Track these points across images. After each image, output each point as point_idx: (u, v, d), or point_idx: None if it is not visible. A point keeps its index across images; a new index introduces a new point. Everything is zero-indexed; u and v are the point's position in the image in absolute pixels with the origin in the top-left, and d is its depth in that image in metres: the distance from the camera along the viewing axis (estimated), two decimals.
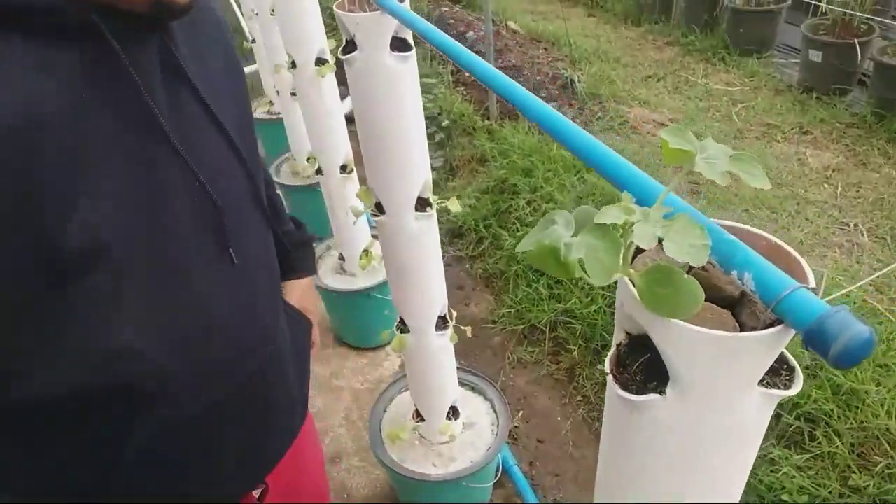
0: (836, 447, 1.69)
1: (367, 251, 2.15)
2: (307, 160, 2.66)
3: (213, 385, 0.73)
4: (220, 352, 0.72)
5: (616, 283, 0.44)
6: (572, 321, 2.32)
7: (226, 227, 0.69)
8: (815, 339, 0.35)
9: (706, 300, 0.44)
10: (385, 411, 1.72)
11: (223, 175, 0.71)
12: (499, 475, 1.75)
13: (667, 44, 4.36)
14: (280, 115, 2.78)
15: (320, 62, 1.79)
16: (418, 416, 1.60)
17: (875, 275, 2.19)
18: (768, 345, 0.40)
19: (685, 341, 0.40)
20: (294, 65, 1.79)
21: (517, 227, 2.68)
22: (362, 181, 1.23)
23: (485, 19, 3.07)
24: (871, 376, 1.80)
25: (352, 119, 1.20)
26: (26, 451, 0.66)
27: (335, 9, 0.99)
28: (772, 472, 1.69)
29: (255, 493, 0.89)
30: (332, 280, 2.18)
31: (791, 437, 1.76)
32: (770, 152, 3.08)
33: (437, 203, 1.20)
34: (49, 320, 0.57)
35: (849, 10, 3.30)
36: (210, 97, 0.68)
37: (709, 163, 0.39)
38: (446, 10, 4.61)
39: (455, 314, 1.43)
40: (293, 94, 2.37)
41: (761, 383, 0.43)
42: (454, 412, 1.60)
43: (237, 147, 0.73)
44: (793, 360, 0.44)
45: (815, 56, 3.35)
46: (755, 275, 0.39)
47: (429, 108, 3.53)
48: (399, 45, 1.01)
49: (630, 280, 0.42)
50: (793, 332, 0.39)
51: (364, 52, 0.99)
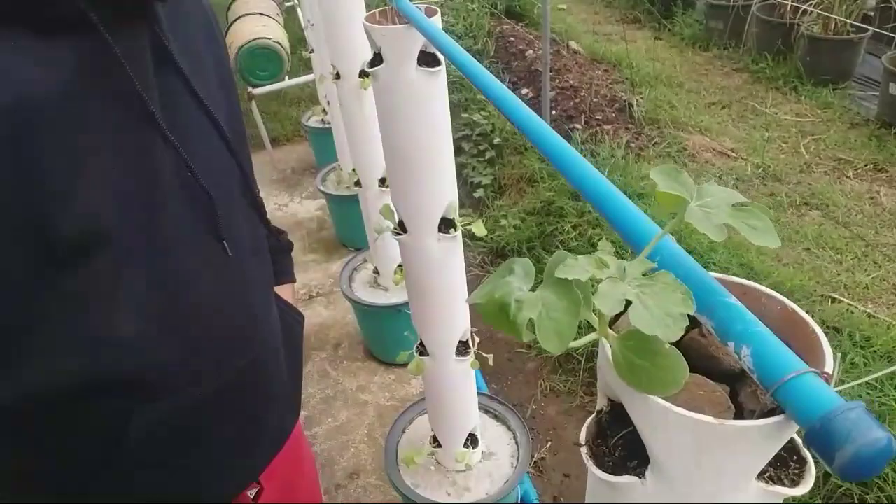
0: None
1: (402, 266, 2.12)
2: (353, 170, 2.66)
3: (207, 376, 0.72)
4: (215, 342, 0.72)
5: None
6: None
7: (219, 218, 0.69)
8: (818, 440, 0.29)
9: (700, 372, 0.37)
10: (403, 432, 1.67)
11: (215, 167, 0.70)
12: None
13: (735, 70, 4.19)
14: (331, 125, 2.80)
15: (364, 74, 1.77)
16: (435, 441, 1.54)
17: None
18: (767, 436, 0.33)
19: (664, 423, 0.34)
20: (338, 76, 1.78)
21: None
22: None
23: (543, 38, 3.01)
24: None
25: None
26: (20, 444, 0.65)
27: (364, 21, 0.97)
28: None
29: (250, 494, 0.86)
30: (365, 293, 2.16)
31: None
32: (839, 189, 2.89)
33: (463, 226, 1.15)
34: (47, 310, 0.56)
35: None
36: (200, 88, 0.68)
37: (705, 211, 0.33)
38: (507, 27, 4.58)
39: (479, 340, 1.37)
40: (339, 101, 2.37)
41: (762, 476, 0.36)
42: (472, 440, 1.53)
43: (227, 139, 0.72)
44: (804, 450, 0.37)
45: None
46: (755, 350, 0.32)
47: (482, 125, 3.49)
48: (428, 59, 0.97)
49: (609, 347, 0.36)
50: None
51: (389, 66, 0.96)
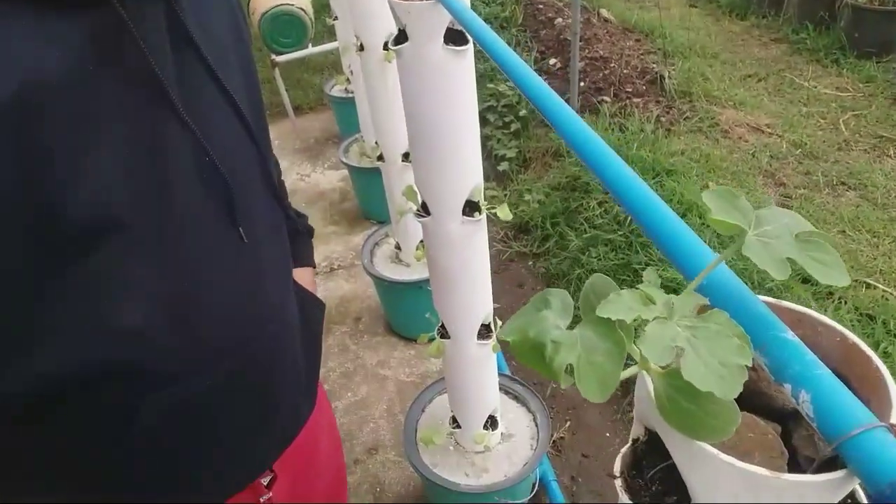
0: None
1: (423, 243, 2.10)
2: (375, 143, 2.63)
3: (217, 364, 0.70)
4: (227, 331, 0.70)
5: None
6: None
7: (235, 203, 0.67)
8: None
9: (749, 409, 0.34)
10: (423, 411, 1.67)
11: (233, 150, 0.68)
12: (535, 491, 1.66)
13: (773, 41, 4.03)
14: (354, 95, 2.76)
15: (388, 46, 1.73)
16: (455, 421, 1.54)
17: None
18: (826, 490, 0.30)
19: (710, 469, 0.31)
20: (362, 47, 1.74)
21: (585, 229, 2.54)
22: None
23: (572, 5, 2.91)
24: None
25: None
26: (26, 435, 0.64)
27: None
28: None
29: (264, 482, 0.85)
30: (387, 269, 2.14)
31: None
32: (879, 168, 2.78)
33: (487, 208, 1.12)
34: (53, 297, 0.55)
35: None
36: (220, 68, 0.65)
37: (764, 243, 0.29)
38: None
39: (500, 323, 1.35)
40: (362, 72, 2.33)
41: None
42: (492, 422, 1.52)
43: (247, 121, 0.70)
44: (864, 500, 0.34)
45: None
46: (816, 397, 0.29)
47: (508, 97, 3.41)
48: (455, 37, 0.93)
49: (650, 379, 0.33)
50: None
51: (415, 44, 0.92)
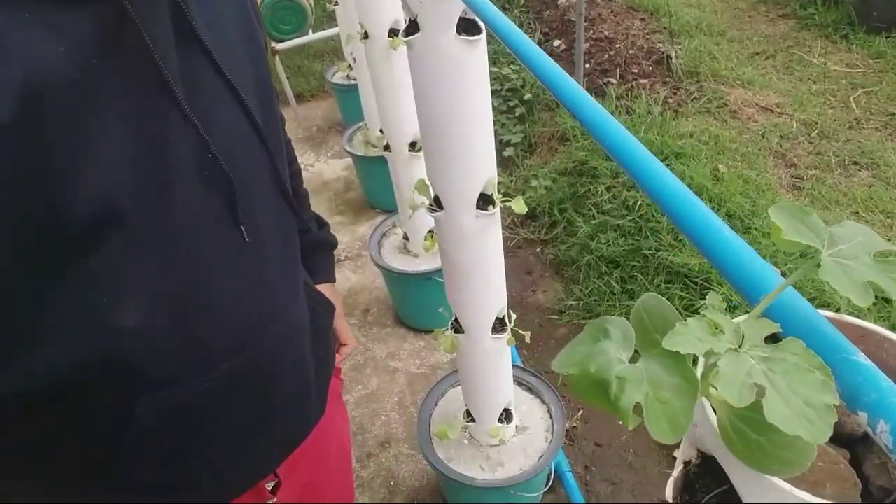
0: None
1: (432, 233, 2.07)
2: (380, 131, 2.60)
3: (217, 366, 0.69)
4: (227, 332, 0.69)
5: None
6: None
7: (237, 202, 0.65)
8: None
9: None
10: (436, 405, 1.66)
11: (237, 147, 0.66)
12: (550, 483, 1.66)
13: (781, 16, 3.95)
14: (357, 81, 2.72)
15: (394, 34, 1.69)
16: (469, 415, 1.53)
17: None
18: None
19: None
20: (367, 35, 1.70)
21: (593, 214, 2.52)
22: None
23: None
24: None
25: None
26: (25, 435, 0.63)
27: None
28: None
29: (268, 487, 0.84)
30: (395, 259, 2.12)
31: None
32: (891, 147, 2.74)
33: (501, 202, 1.09)
34: (53, 295, 0.54)
35: None
36: (226, 64, 0.63)
37: (842, 265, 0.27)
38: None
39: (514, 317, 1.33)
40: (367, 61, 2.29)
41: None
42: (507, 415, 1.51)
43: (254, 117, 0.68)
44: None
45: None
46: (894, 428, 0.27)
47: (512, 80, 3.37)
48: (467, 26, 0.90)
49: (710, 405, 0.31)
50: None
51: (427, 35, 0.89)
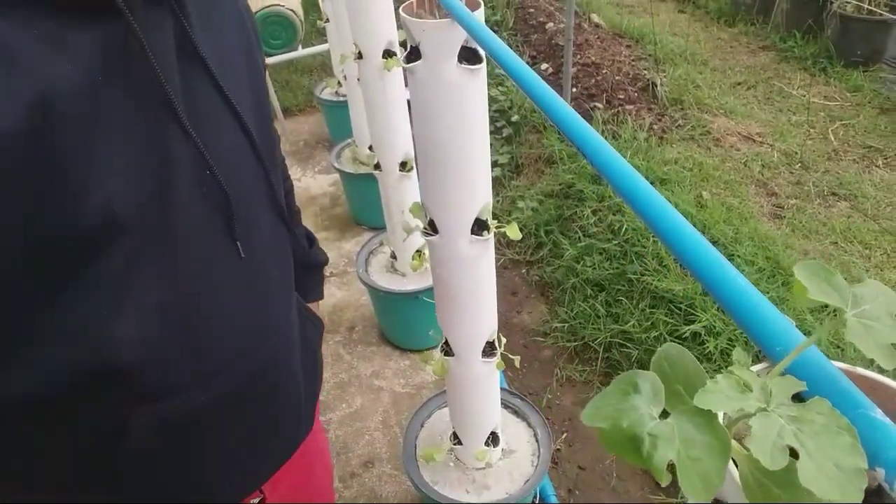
0: None
1: (419, 252, 2.08)
2: (370, 148, 2.61)
3: (212, 379, 0.69)
4: (223, 345, 0.69)
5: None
6: (628, 344, 2.18)
7: (234, 217, 0.66)
8: None
9: None
10: (422, 426, 1.65)
11: (235, 165, 0.67)
12: None
13: (762, 48, 4.06)
14: (346, 98, 2.73)
15: (388, 54, 1.70)
16: (455, 437, 1.52)
17: None
18: None
19: None
20: (360, 55, 1.71)
21: (579, 237, 2.54)
22: None
23: (566, 10, 2.90)
24: None
25: None
26: (22, 440, 0.63)
27: (401, 12, 0.90)
28: None
29: (253, 503, 0.84)
30: (382, 278, 2.12)
31: None
32: (868, 179, 2.81)
33: (496, 228, 1.10)
34: (53, 304, 0.54)
35: None
36: (225, 80, 0.64)
37: (867, 326, 0.27)
38: None
39: (504, 341, 1.34)
40: (360, 80, 2.31)
41: None
42: (494, 438, 1.51)
43: (251, 134, 0.68)
44: None
45: None
46: None
47: (500, 101, 3.40)
48: (468, 55, 0.91)
49: (731, 458, 0.31)
50: None
51: (428, 63, 0.89)
